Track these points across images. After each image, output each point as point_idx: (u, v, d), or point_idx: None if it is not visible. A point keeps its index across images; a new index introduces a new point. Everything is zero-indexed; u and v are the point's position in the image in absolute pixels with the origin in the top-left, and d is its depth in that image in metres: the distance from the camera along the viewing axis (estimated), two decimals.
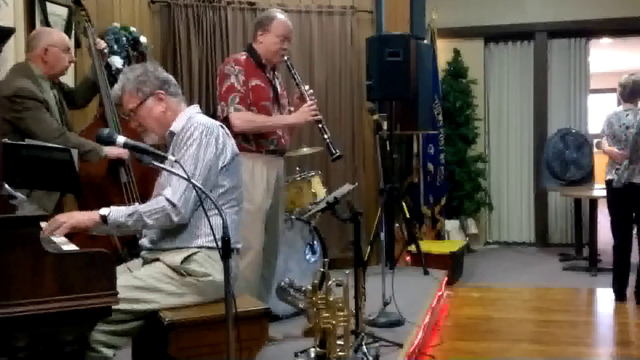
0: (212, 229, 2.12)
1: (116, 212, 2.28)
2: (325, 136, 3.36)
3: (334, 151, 3.35)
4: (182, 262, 2.35)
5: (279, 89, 3.50)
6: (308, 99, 3.39)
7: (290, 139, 3.57)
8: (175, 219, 2.32)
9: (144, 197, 2.95)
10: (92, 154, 3.23)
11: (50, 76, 3.29)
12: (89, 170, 3.27)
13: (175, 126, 2.48)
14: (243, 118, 3.27)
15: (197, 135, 2.38)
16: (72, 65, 3.54)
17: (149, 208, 2.31)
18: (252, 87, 3.33)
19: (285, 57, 3.44)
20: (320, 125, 3.38)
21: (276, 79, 3.52)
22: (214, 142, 2.40)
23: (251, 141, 3.33)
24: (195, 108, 2.58)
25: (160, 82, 2.50)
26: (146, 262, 2.48)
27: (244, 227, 2.76)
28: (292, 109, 3.54)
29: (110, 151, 3.30)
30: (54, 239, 2.14)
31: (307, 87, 3.46)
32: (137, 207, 2.32)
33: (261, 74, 3.40)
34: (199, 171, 2.34)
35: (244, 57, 3.40)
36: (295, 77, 3.45)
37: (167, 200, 2.30)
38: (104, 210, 2.27)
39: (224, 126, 2.54)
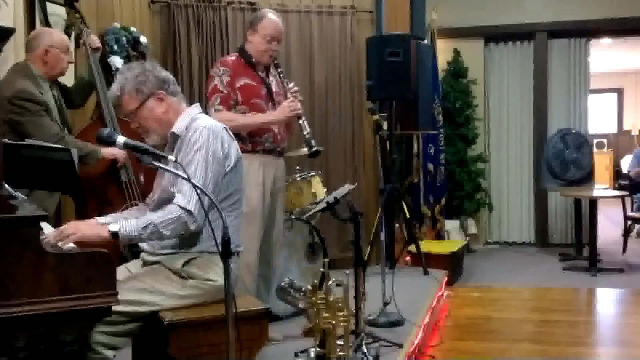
0: (213, 234, 2.02)
1: (127, 227, 2.19)
2: (304, 132, 3.39)
3: (312, 145, 3.39)
4: (182, 266, 2.34)
5: (273, 87, 3.50)
6: (290, 95, 3.41)
7: (286, 136, 3.56)
8: (192, 227, 2.26)
9: (146, 197, 2.94)
10: (90, 156, 3.21)
11: (50, 77, 3.29)
12: (88, 170, 3.27)
13: (178, 127, 2.42)
14: (220, 118, 3.15)
15: (203, 141, 2.31)
16: (72, 65, 3.53)
17: (163, 218, 2.22)
18: (240, 86, 3.34)
19: (273, 58, 3.46)
20: (300, 122, 3.40)
21: (271, 78, 3.53)
22: (220, 147, 2.35)
23: (246, 140, 3.32)
24: (197, 108, 2.51)
25: (160, 81, 2.42)
26: (146, 264, 2.47)
27: (240, 229, 2.74)
28: None
29: (106, 152, 3.29)
30: None
31: (292, 84, 3.48)
32: (150, 217, 2.24)
33: (251, 72, 3.41)
34: (209, 179, 2.29)
35: (234, 57, 3.43)
36: (281, 76, 3.49)
37: (182, 208, 2.23)
38: (113, 227, 2.18)
39: (227, 128, 2.49)
